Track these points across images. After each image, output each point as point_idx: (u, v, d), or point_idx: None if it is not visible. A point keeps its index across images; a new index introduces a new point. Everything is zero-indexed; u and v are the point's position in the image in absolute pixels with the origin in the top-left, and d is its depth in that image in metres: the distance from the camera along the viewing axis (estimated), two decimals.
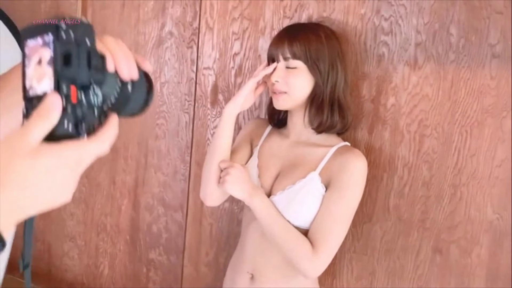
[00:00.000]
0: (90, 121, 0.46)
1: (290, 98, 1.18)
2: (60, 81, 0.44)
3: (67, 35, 0.45)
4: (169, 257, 1.72)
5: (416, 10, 1.25)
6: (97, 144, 0.46)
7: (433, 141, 1.26)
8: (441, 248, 1.27)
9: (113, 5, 1.71)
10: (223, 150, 1.22)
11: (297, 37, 1.15)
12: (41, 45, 0.46)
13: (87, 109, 0.46)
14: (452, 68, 1.22)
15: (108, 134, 0.47)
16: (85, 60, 0.45)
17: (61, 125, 0.44)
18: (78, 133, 0.45)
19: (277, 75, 1.17)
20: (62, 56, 0.44)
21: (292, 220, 1.15)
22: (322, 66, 1.15)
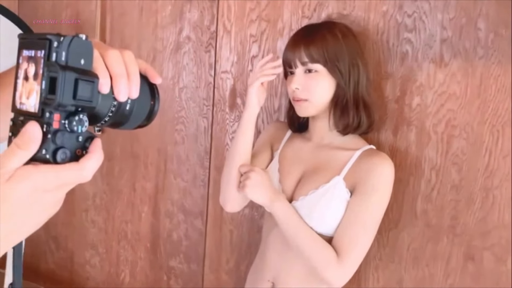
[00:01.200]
0: (72, 147, 0.45)
1: (312, 105, 1.13)
2: (44, 108, 0.43)
3: (58, 56, 0.43)
4: (189, 265, 1.70)
5: (441, 5, 1.19)
6: (75, 171, 0.44)
7: (462, 142, 1.19)
8: (473, 255, 1.20)
9: (131, 11, 1.71)
10: (243, 154, 1.18)
11: (313, 39, 1.11)
12: (32, 59, 0.44)
13: (69, 136, 0.44)
14: (481, 65, 1.16)
15: (89, 162, 0.45)
16: (71, 88, 0.43)
17: (39, 151, 0.43)
18: (55, 160, 0.43)
19: (296, 82, 1.13)
20: (48, 81, 0.43)
21: (315, 227, 1.10)
22: (343, 66, 1.11)
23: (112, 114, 0.50)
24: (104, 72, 0.47)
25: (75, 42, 0.44)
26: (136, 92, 0.50)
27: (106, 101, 0.48)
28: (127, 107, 0.51)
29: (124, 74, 0.48)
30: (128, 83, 0.49)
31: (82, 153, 0.46)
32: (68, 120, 0.44)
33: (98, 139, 0.47)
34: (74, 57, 0.44)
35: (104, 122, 0.51)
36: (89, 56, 0.45)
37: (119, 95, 0.48)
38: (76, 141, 0.45)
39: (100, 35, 1.76)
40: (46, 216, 0.45)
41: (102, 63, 0.47)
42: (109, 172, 1.83)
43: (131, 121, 0.53)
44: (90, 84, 0.45)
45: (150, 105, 0.54)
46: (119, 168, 1.80)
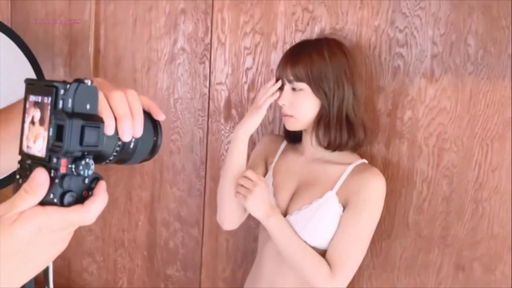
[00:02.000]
0: (78, 189, 0.46)
1: (297, 121, 1.17)
2: (51, 154, 0.44)
3: (64, 103, 0.44)
4: (186, 273, 1.72)
5: (432, 21, 1.22)
6: (80, 214, 0.46)
7: (453, 155, 1.23)
8: (463, 265, 1.24)
9: (125, 22, 1.71)
10: (238, 171, 1.20)
11: (299, 59, 1.14)
12: (38, 104, 0.46)
13: (76, 179, 0.46)
14: (470, 80, 1.19)
15: (94, 205, 0.46)
16: (78, 136, 0.44)
17: (47, 196, 0.44)
18: (62, 203, 0.45)
19: (284, 98, 1.17)
20: (55, 129, 0.44)
21: (309, 241, 1.13)
22: (327, 86, 1.13)
23: (116, 153, 0.51)
24: (109, 114, 0.48)
25: (81, 88, 0.45)
26: (140, 131, 0.51)
27: (111, 142, 0.50)
28: (131, 146, 0.52)
29: (128, 114, 0.50)
30: (132, 123, 0.50)
31: (88, 194, 0.47)
32: (75, 165, 0.45)
33: (103, 182, 0.48)
34: (80, 103, 0.45)
35: (109, 161, 0.52)
36: (94, 101, 0.47)
37: (123, 135, 0.49)
38: (82, 183, 0.46)
39: (94, 45, 1.77)
40: (54, 252, 0.46)
41: (107, 105, 0.48)
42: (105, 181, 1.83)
43: (134, 158, 0.54)
44: (96, 130, 0.46)
45: (153, 141, 0.55)
46: (115, 177, 1.82)
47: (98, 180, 0.48)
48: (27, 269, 0.45)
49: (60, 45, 1.87)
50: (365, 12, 1.30)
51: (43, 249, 0.45)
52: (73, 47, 1.84)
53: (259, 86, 1.49)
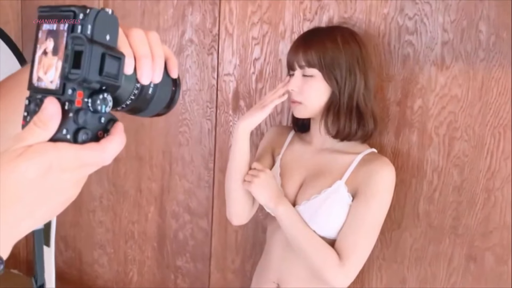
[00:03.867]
0: (94, 128, 0.42)
1: (306, 107, 1.15)
2: (66, 83, 0.40)
3: (83, 29, 0.40)
4: (196, 264, 1.73)
5: (442, 8, 1.19)
6: (96, 152, 0.41)
7: (464, 144, 1.20)
8: (475, 255, 1.22)
9: (133, 13, 1.71)
10: (242, 168, 1.20)
11: (312, 45, 1.12)
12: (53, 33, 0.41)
13: (91, 116, 0.41)
14: (482, 67, 1.16)
15: (111, 144, 0.42)
16: (97, 64, 0.40)
17: (59, 131, 0.40)
18: (76, 140, 0.40)
19: (293, 83, 1.15)
20: (73, 55, 0.40)
21: (318, 230, 1.12)
22: (339, 73, 1.11)
23: (134, 98, 0.47)
24: (128, 51, 0.44)
25: (101, 16, 0.40)
26: (160, 76, 0.47)
27: (128, 84, 0.45)
28: (149, 92, 0.48)
29: (149, 55, 0.45)
30: (152, 66, 0.45)
31: (103, 135, 0.43)
32: (92, 99, 0.41)
33: (120, 123, 0.43)
34: (100, 31, 0.40)
35: (124, 106, 0.47)
36: (114, 32, 0.42)
37: (142, 77, 0.45)
38: (98, 122, 0.42)
39: None
40: (65, 197, 0.41)
41: (126, 42, 0.44)
42: (115, 173, 1.85)
43: (150, 108, 0.50)
44: (117, 61, 0.42)
45: (171, 92, 0.51)
46: (124, 170, 1.83)
47: (115, 121, 0.44)
48: (35, 214, 0.39)
49: None
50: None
51: (53, 192, 0.40)
52: None
53: (267, 77, 1.48)
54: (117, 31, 0.43)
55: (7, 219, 0.37)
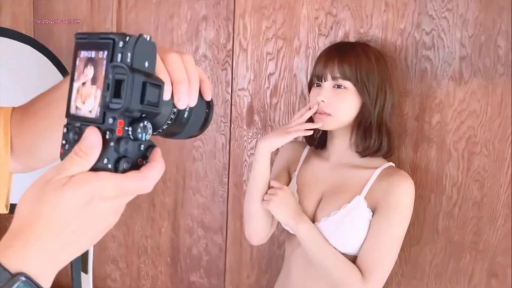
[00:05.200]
0: (134, 156, 0.41)
1: (334, 120, 1.14)
2: (107, 112, 0.40)
3: (123, 57, 0.39)
4: (210, 280, 1.71)
5: (460, 23, 1.19)
6: (137, 181, 0.41)
7: (484, 159, 1.20)
8: (496, 271, 1.20)
9: (147, 29, 1.72)
10: (262, 187, 1.19)
11: (347, 57, 1.12)
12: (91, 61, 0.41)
13: (132, 144, 0.41)
14: (501, 82, 1.16)
15: (152, 172, 0.42)
16: (139, 93, 0.40)
17: (100, 160, 0.40)
18: (117, 169, 0.40)
19: (323, 95, 1.13)
20: (113, 83, 0.39)
21: (339, 247, 1.11)
22: (372, 88, 1.11)
23: (170, 122, 0.47)
24: (166, 77, 0.44)
25: (140, 42, 0.40)
26: (195, 100, 0.47)
27: (166, 109, 0.45)
28: (185, 115, 0.48)
29: (185, 80, 0.45)
30: (188, 90, 0.46)
31: (142, 162, 0.42)
32: (132, 127, 0.41)
33: (158, 148, 0.44)
34: (139, 59, 0.40)
35: (161, 130, 0.47)
36: (153, 59, 0.42)
37: (179, 102, 0.45)
38: (138, 149, 0.42)
39: None
40: (105, 225, 0.42)
41: (163, 68, 0.44)
42: None
43: (186, 131, 0.50)
44: (157, 89, 0.42)
45: (205, 114, 0.51)
46: None
47: (153, 147, 0.43)
48: (76, 243, 0.40)
49: None
50: (390, 15, 1.28)
51: (95, 220, 0.40)
52: None
53: (282, 91, 1.48)
54: (155, 57, 0.42)
55: (52, 248, 0.38)
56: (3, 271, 0.36)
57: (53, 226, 0.38)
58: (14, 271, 0.36)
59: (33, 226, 0.38)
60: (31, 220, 0.38)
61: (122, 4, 1.77)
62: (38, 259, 0.37)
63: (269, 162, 1.18)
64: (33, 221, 0.38)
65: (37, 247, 0.37)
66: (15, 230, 0.38)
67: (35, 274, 0.37)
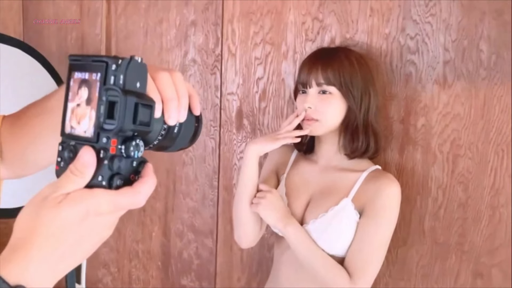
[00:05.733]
0: (126, 172, 0.44)
1: (322, 125, 1.16)
2: (101, 132, 0.42)
3: (116, 80, 0.41)
4: (201, 283, 1.72)
5: (443, 28, 1.22)
6: (130, 197, 0.43)
7: (468, 161, 1.22)
8: (481, 272, 1.22)
9: (136, 34, 1.73)
10: (251, 190, 1.20)
11: (330, 63, 1.14)
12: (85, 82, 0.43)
13: (125, 161, 0.43)
14: (484, 86, 1.18)
15: (144, 187, 0.44)
16: (131, 113, 0.42)
17: (94, 178, 0.42)
18: (111, 186, 0.42)
19: (309, 101, 1.15)
20: (107, 105, 0.41)
21: (327, 249, 1.13)
22: (356, 91, 1.13)
23: (161, 138, 0.49)
24: (156, 96, 0.46)
25: (132, 64, 0.42)
26: (184, 116, 0.49)
27: (157, 125, 0.47)
28: (175, 130, 0.50)
29: (175, 98, 0.47)
30: (178, 107, 0.48)
31: (135, 178, 0.44)
32: (125, 145, 0.43)
33: (150, 164, 0.46)
34: (131, 80, 0.42)
35: (152, 146, 0.50)
36: (144, 79, 0.44)
37: (169, 119, 0.47)
38: (130, 166, 0.44)
39: None
40: (99, 239, 0.44)
41: (154, 87, 0.46)
42: None
43: (176, 144, 0.52)
44: (148, 109, 0.44)
45: (194, 127, 0.53)
46: None
47: (145, 163, 0.45)
48: (72, 257, 0.42)
49: None
50: (375, 20, 1.30)
51: (90, 235, 0.42)
52: None
53: (271, 96, 1.49)
54: (146, 78, 0.44)
55: (49, 261, 0.40)
56: (2, 284, 0.38)
57: (51, 241, 0.40)
58: (13, 283, 0.38)
59: (31, 241, 0.40)
60: (29, 236, 0.40)
61: (111, 9, 1.77)
62: (36, 272, 0.39)
63: (257, 166, 1.20)
64: (31, 237, 0.40)
65: (35, 261, 0.39)
66: (14, 244, 0.40)
67: (34, 287, 0.39)
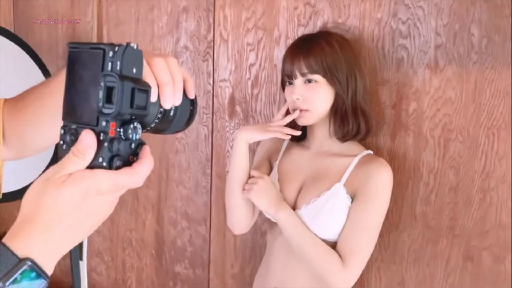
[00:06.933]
0: (125, 154, 0.46)
1: (312, 114, 1.16)
2: (100, 117, 0.44)
3: (113, 66, 0.44)
4: (194, 270, 1.73)
5: (435, 12, 1.21)
6: (129, 176, 0.46)
7: (459, 145, 1.22)
8: (472, 255, 1.23)
9: (128, 22, 1.72)
10: (241, 177, 1.20)
11: (311, 51, 1.13)
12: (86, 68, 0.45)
13: (123, 143, 0.46)
14: (475, 70, 1.18)
15: (142, 168, 0.47)
16: (128, 99, 0.44)
17: (95, 159, 0.44)
18: (111, 167, 0.45)
19: (297, 92, 1.15)
20: (105, 91, 0.43)
21: (319, 234, 1.13)
22: (341, 75, 1.13)
23: (157, 121, 0.51)
24: (152, 81, 0.48)
25: (128, 51, 0.44)
26: (180, 99, 0.51)
27: (153, 109, 0.50)
28: (171, 113, 0.53)
29: (170, 82, 0.50)
30: (173, 91, 0.50)
31: (133, 159, 0.47)
32: (124, 128, 0.45)
33: (147, 146, 0.49)
34: (127, 66, 0.44)
35: (149, 128, 0.52)
36: (140, 65, 0.46)
37: (165, 103, 0.50)
38: (129, 148, 0.47)
39: None
40: (101, 217, 0.47)
41: (150, 72, 0.48)
42: None
43: (172, 127, 0.54)
44: (145, 93, 0.46)
45: (190, 111, 0.56)
46: None
47: (143, 145, 0.48)
48: (75, 234, 0.46)
49: (64, 47, 1.88)
50: (367, 4, 1.30)
51: (91, 213, 0.45)
52: None
53: (263, 82, 1.49)
54: (142, 63, 0.47)
55: (53, 237, 0.44)
56: (12, 256, 0.41)
57: (55, 218, 0.43)
58: (21, 256, 0.41)
59: (37, 218, 0.43)
60: (35, 213, 0.43)
61: None
62: (41, 247, 0.43)
63: (247, 153, 1.20)
64: (37, 214, 0.43)
65: (41, 237, 0.43)
66: (21, 221, 0.44)
67: (39, 260, 0.42)
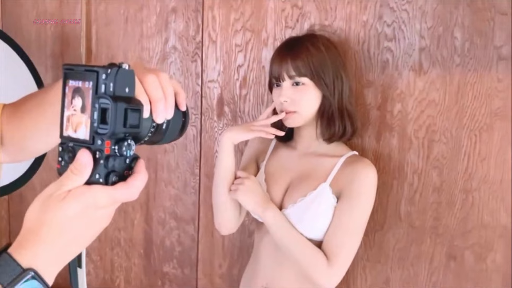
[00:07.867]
0: (121, 169, 0.49)
1: (300, 116, 1.17)
2: (95, 136, 0.47)
3: (106, 88, 0.46)
4: (183, 270, 1.73)
5: (419, 15, 1.23)
6: (125, 190, 0.49)
7: (442, 146, 1.24)
8: (455, 254, 1.26)
9: (116, 21, 1.72)
10: (228, 177, 1.22)
11: (299, 54, 1.14)
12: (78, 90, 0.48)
13: (118, 159, 0.48)
14: (458, 72, 1.21)
15: (136, 182, 0.49)
16: (122, 119, 0.47)
17: (92, 176, 0.47)
18: (107, 182, 0.48)
19: (284, 95, 1.16)
20: (99, 112, 0.46)
21: (305, 233, 1.15)
22: (328, 78, 1.15)
23: (151, 134, 0.54)
24: (145, 98, 0.50)
25: (120, 73, 0.47)
26: (171, 113, 0.54)
27: (146, 124, 0.52)
28: (164, 127, 0.55)
29: (162, 98, 0.52)
30: (165, 107, 0.52)
31: (128, 173, 0.50)
32: (118, 146, 0.48)
33: (142, 160, 0.51)
34: (120, 86, 0.47)
35: (143, 142, 0.54)
36: (132, 84, 0.49)
37: (157, 118, 0.52)
38: (124, 163, 0.49)
39: (86, 45, 1.77)
40: (98, 229, 0.50)
41: (142, 89, 0.51)
42: None
43: (166, 138, 0.57)
44: (137, 112, 0.49)
45: (182, 121, 0.58)
46: None
47: (137, 159, 0.51)
48: (75, 245, 0.49)
49: (52, 46, 1.87)
50: (353, 7, 1.31)
51: (90, 226, 0.49)
52: (65, 48, 1.85)
53: (251, 83, 1.50)
54: (134, 83, 0.49)
55: (56, 250, 0.47)
56: (16, 266, 0.44)
57: (56, 231, 0.46)
58: (25, 266, 0.45)
59: (40, 231, 0.46)
60: (38, 227, 0.46)
61: None
62: (44, 258, 0.46)
63: (233, 153, 1.21)
64: (40, 228, 0.46)
65: (44, 248, 0.46)
66: (25, 234, 0.47)
67: (41, 271, 0.45)
